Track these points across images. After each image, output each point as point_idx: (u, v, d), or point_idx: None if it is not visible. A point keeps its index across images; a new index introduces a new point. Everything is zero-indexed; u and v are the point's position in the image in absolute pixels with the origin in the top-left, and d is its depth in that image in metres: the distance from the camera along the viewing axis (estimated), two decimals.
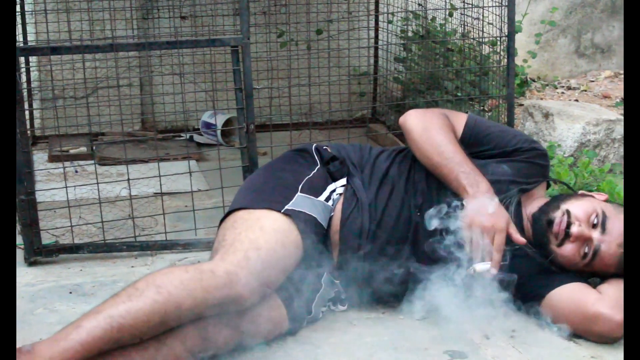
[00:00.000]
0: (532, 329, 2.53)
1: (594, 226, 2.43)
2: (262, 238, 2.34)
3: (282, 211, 2.42)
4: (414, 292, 2.49)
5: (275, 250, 2.33)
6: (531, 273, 2.51)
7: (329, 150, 2.68)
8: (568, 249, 2.45)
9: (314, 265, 2.49)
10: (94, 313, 2.12)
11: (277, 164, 2.67)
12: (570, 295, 2.46)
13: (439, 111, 2.65)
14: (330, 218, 2.55)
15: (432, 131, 2.55)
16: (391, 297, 2.58)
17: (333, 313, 2.61)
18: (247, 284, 2.23)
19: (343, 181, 2.61)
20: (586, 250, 2.44)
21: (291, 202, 2.45)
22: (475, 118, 2.66)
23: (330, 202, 2.55)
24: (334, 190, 2.58)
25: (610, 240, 2.42)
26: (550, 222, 2.47)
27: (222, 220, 2.51)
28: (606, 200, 2.55)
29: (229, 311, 2.25)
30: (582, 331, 2.45)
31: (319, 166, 2.61)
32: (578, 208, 2.46)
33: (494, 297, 2.41)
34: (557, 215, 2.46)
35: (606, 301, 2.40)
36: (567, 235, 2.44)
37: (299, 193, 2.49)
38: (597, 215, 2.43)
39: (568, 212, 2.45)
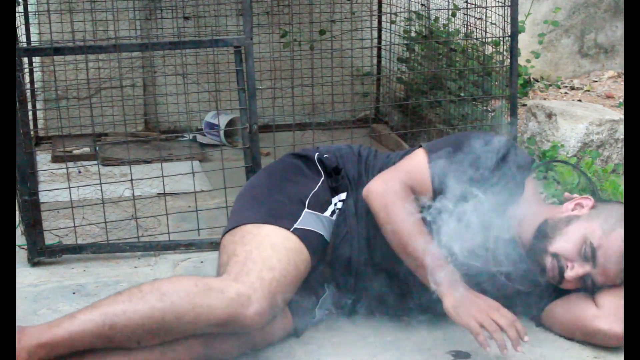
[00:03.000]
0: (535, 329, 2.54)
1: (587, 259, 2.33)
2: (275, 257, 2.30)
3: (291, 230, 2.38)
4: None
5: (288, 271, 2.30)
6: (528, 287, 2.48)
7: (330, 159, 2.61)
8: (568, 285, 2.38)
9: (318, 272, 2.50)
10: (91, 307, 2.15)
11: (280, 172, 2.61)
12: (567, 309, 2.45)
13: (400, 186, 2.40)
14: None
15: (395, 220, 2.36)
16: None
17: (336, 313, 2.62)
18: (260, 308, 2.19)
19: (343, 195, 2.56)
20: (585, 281, 2.36)
21: (299, 220, 2.42)
22: (434, 169, 2.41)
23: (334, 217, 2.52)
24: (336, 204, 2.54)
25: (605, 270, 2.33)
26: (543, 270, 2.39)
27: (226, 231, 2.47)
28: (594, 207, 2.41)
29: (233, 331, 2.23)
30: (583, 341, 2.45)
31: (322, 178, 2.56)
32: (566, 246, 2.34)
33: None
34: (548, 262, 2.37)
35: (604, 316, 2.37)
36: (562, 277, 2.36)
37: (306, 209, 2.45)
38: (586, 247, 2.32)
39: (557, 256, 2.35)
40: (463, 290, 2.27)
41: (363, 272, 2.50)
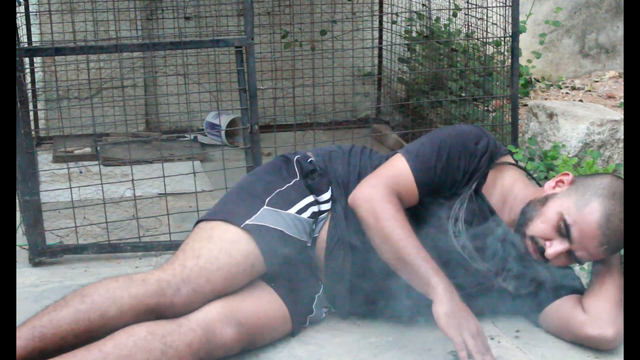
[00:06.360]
0: (536, 329, 2.54)
1: (564, 235, 2.32)
2: (205, 247, 2.34)
3: (242, 225, 2.37)
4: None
5: (217, 257, 2.31)
6: (525, 288, 2.50)
7: (313, 161, 2.59)
8: (557, 263, 2.38)
9: (306, 270, 2.50)
10: (20, 325, 2.16)
11: (259, 172, 2.63)
12: (559, 315, 2.46)
13: (387, 191, 2.37)
14: (316, 239, 2.51)
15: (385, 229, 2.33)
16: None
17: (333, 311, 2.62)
18: (178, 290, 2.25)
19: (326, 196, 2.53)
20: (571, 257, 2.37)
21: (254, 217, 2.40)
22: (416, 171, 2.40)
23: (304, 215, 2.47)
24: (312, 203, 2.50)
25: (583, 246, 2.32)
26: (527, 253, 2.40)
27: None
28: (573, 182, 2.40)
29: (166, 317, 2.25)
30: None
31: (297, 179, 2.53)
32: (541, 226, 2.35)
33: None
34: (528, 245, 2.38)
35: (591, 322, 2.38)
36: (545, 257, 2.37)
37: (264, 207, 2.43)
38: (560, 223, 2.31)
39: (533, 239, 2.36)
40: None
41: (356, 277, 2.49)
